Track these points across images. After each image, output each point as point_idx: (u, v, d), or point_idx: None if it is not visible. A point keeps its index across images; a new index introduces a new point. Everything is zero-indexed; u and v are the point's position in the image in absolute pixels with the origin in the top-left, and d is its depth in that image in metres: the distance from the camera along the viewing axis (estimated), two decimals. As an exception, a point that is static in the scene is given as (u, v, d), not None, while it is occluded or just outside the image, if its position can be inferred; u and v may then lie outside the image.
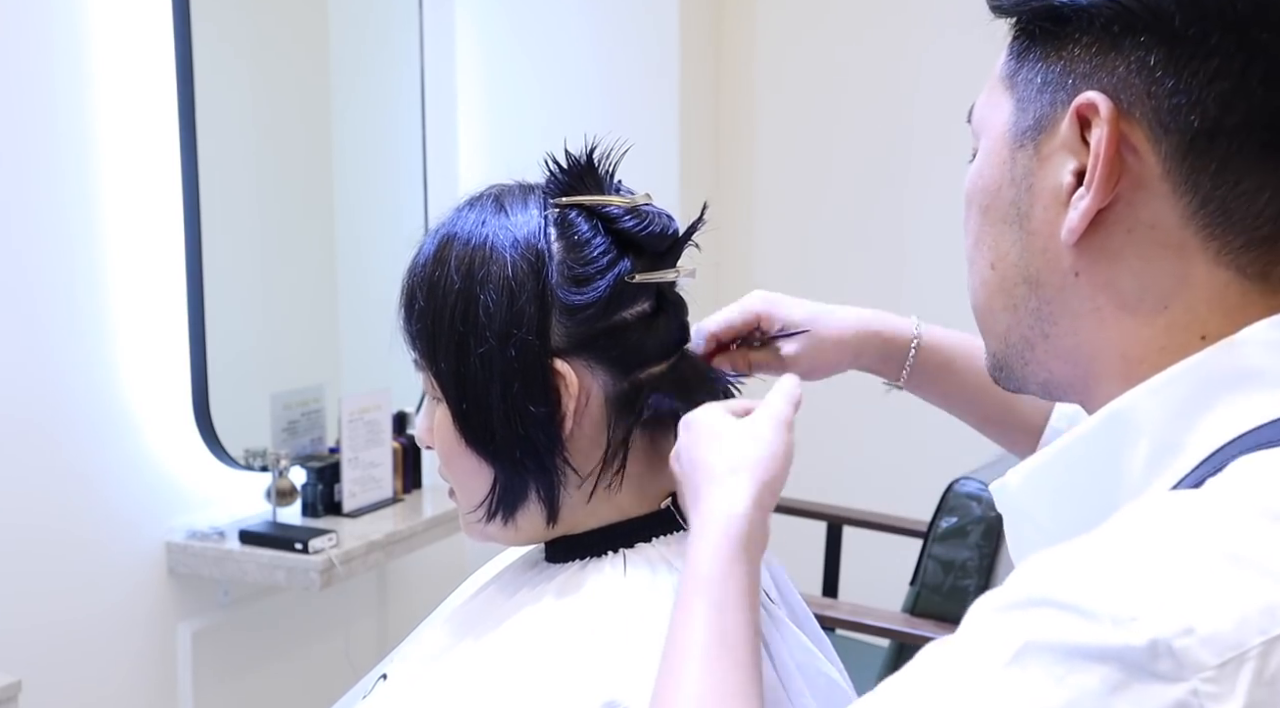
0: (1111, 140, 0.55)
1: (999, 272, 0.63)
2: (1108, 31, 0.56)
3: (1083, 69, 0.57)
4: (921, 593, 1.94)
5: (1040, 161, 0.59)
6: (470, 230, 0.81)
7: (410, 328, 0.83)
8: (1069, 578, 0.48)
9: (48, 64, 1.89)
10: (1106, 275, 0.58)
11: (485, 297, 0.79)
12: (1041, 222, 0.60)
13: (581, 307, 0.79)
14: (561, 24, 2.89)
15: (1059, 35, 0.58)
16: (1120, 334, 0.58)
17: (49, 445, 1.92)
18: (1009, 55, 0.63)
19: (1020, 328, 0.62)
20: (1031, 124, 0.60)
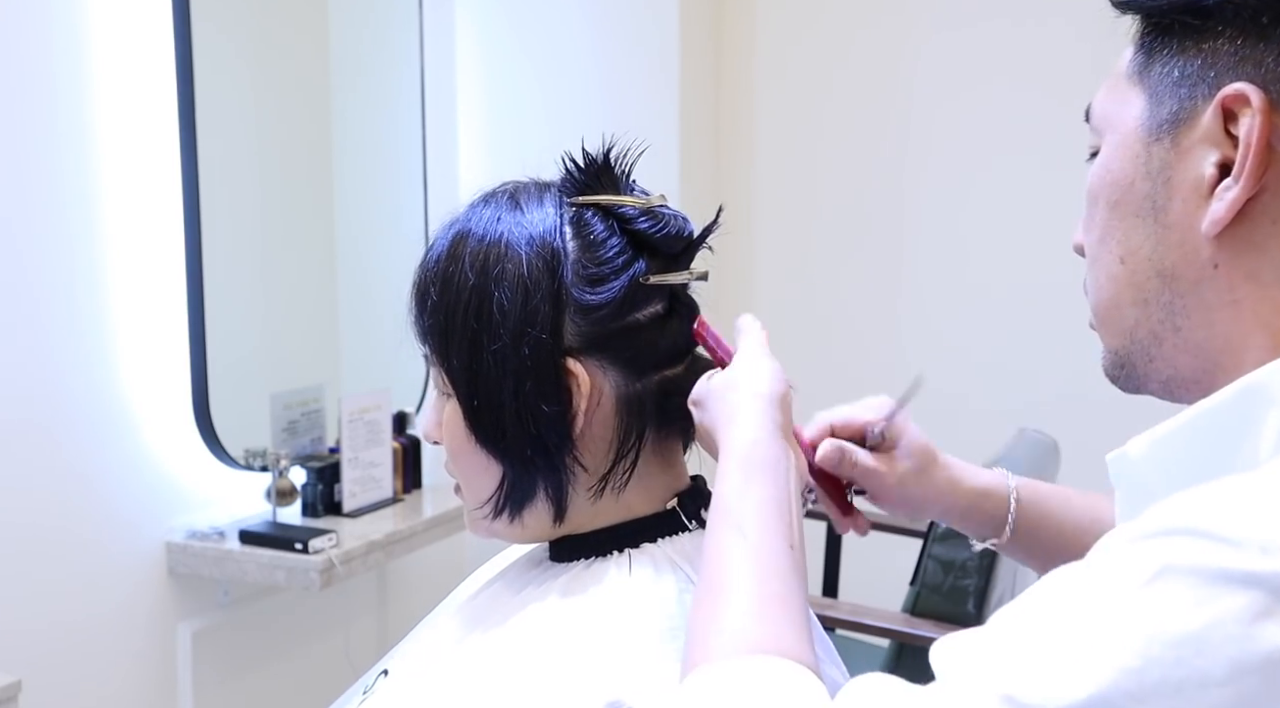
0: (1263, 131, 0.55)
1: (1129, 266, 0.62)
2: (1255, 22, 0.56)
3: (1226, 61, 0.57)
4: (921, 593, 1.94)
5: (1179, 154, 0.59)
6: (485, 227, 0.81)
7: (422, 323, 0.83)
8: (1211, 509, 0.47)
9: (48, 64, 1.89)
10: (1248, 267, 0.58)
11: (500, 294, 0.79)
12: (1180, 214, 0.59)
13: (596, 306, 0.79)
14: (561, 24, 2.89)
15: (1198, 29, 0.58)
16: (1258, 327, 0.58)
17: (49, 445, 1.92)
18: (1138, 51, 0.62)
19: (1149, 322, 0.62)
20: (1169, 117, 0.60)
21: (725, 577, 0.65)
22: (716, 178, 3.15)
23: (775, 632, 0.61)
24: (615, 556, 0.82)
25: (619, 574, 0.80)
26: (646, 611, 0.77)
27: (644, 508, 0.84)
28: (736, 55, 3.15)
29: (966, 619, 1.89)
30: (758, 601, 0.63)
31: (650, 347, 0.82)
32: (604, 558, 0.83)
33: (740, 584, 0.64)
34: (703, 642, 0.63)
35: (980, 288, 2.91)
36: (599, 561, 0.83)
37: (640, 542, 0.83)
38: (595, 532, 0.84)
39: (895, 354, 2.97)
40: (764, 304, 3.16)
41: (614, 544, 0.83)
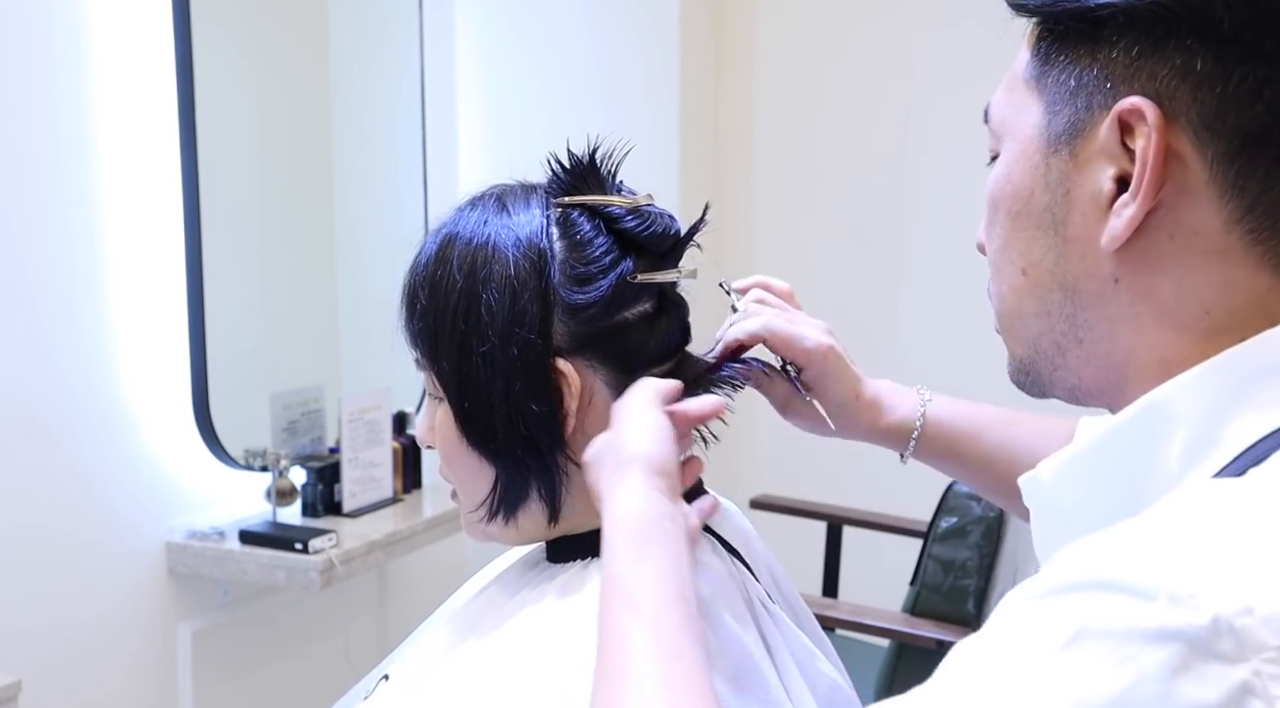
0: (1159, 147, 0.54)
1: (1031, 277, 0.62)
2: (1149, 34, 0.55)
3: (1121, 72, 0.56)
4: (921, 593, 1.94)
5: (1077, 167, 0.58)
6: (473, 229, 0.81)
7: (412, 327, 0.83)
8: (1119, 559, 0.47)
9: (48, 64, 1.89)
10: (1147, 282, 0.57)
11: (488, 295, 0.79)
12: (1080, 228, 0.58)
13: (584, 306, 0.79)
14: (561, 24, 2.89)
15: (1093, 37, 0.57)
16: (1159, 340, 0.57)
17: (49, 445, 1.92)
18: (1034, 56, 0.61)
19: (1052, 334, 0.61)
20: (1066, 128, 0.58)
21: (626, 661, 0.62)
22: (716, 178, 3.15)
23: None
24: None
25: None
26: None
27: None
28: (737, 55, 3.15)
29: (966, 619, 1.89)
30: (662, 686, 0.60)
31: (640, 345, 0.82)
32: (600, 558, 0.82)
33: (642, 669, 0.61)
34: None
35: (980, 287, 2.90)
36: (595, 561, 0.82)
37: None
38: (591, 532, 0.83)
39: (896, 354, 2.97)
40: (764, 304, 3.15)
41: None
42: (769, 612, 0.84)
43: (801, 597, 0.95)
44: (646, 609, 0.64)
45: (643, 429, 0.74)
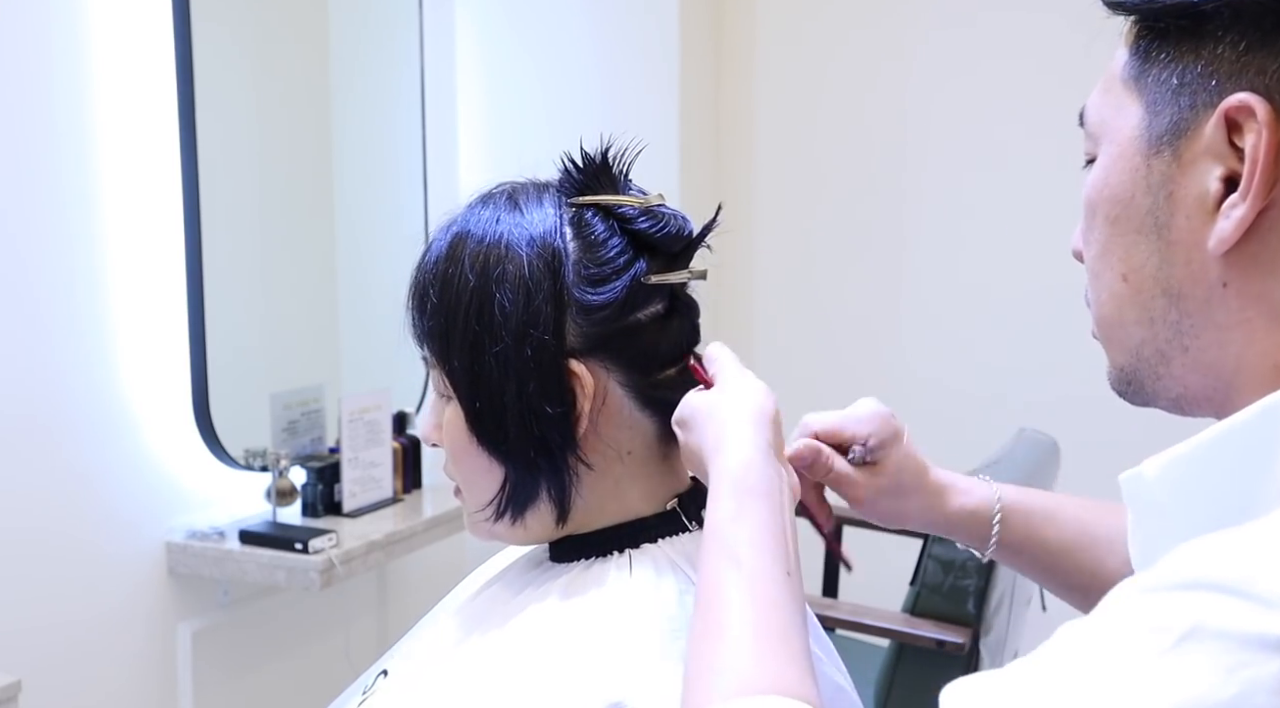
0: (1271, 144, 0.52)
1: (1133, 284, 0.59)
2: (1257, 27, 0.53)
3: (1227, 68, 0.54)
4: (921, 593, 1.94)
5: (1181, 168, 0.56)
6: (484, 227, 0.81)
7: (421, 325, 0.83)
8: (1240, 562, 0.45)
9: (48, 64, 1.89)
10: (1259, 286, 0.54)
11: (501, 295, 0.78)
12: (1184, 231, 0.56)
13: (598, 307, 0.79)
14: (561, 24, 2.89)
15: (1196, 33, 0.55)
16: (1273, 347, 0.55)
17: (49, 445, 1.92)
18: (1132, 55, 0.59)
19: (1156, 342, 0.59)
20: (1169, 128, 0.56)
21: (723, 612, 0.63)
22: (716, 177, 3.15)
23: (776, 669, 0.59)
24: (616, 556, 0.82)
25: (619, 575, 0.80)
26: (648, 612, 0.77)
27: (644, 508, 0.84)
28: (736, 55, 3.15)
29: (966, 619, 1.89)
30: (757, 637, 0.61)
31: (652, 346, 0.81)
32: (604, 559, 0.82)
33: (738, 620, 0.62)
34: (703, 682, 0.60)
35: (980, 287, 2.91)
36: (599, 561, 0.82)
37: (641, 542, 0.83)
38: (595, 532, 0.84)
39: (896, 354, 2.97)
40: (764, 304, 3.16)
41: (615, 545, 0.83)
42: None
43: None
44: (746, 561, 0.65)
45: (750, 389, 0.76)
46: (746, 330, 3.17)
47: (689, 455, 0.77)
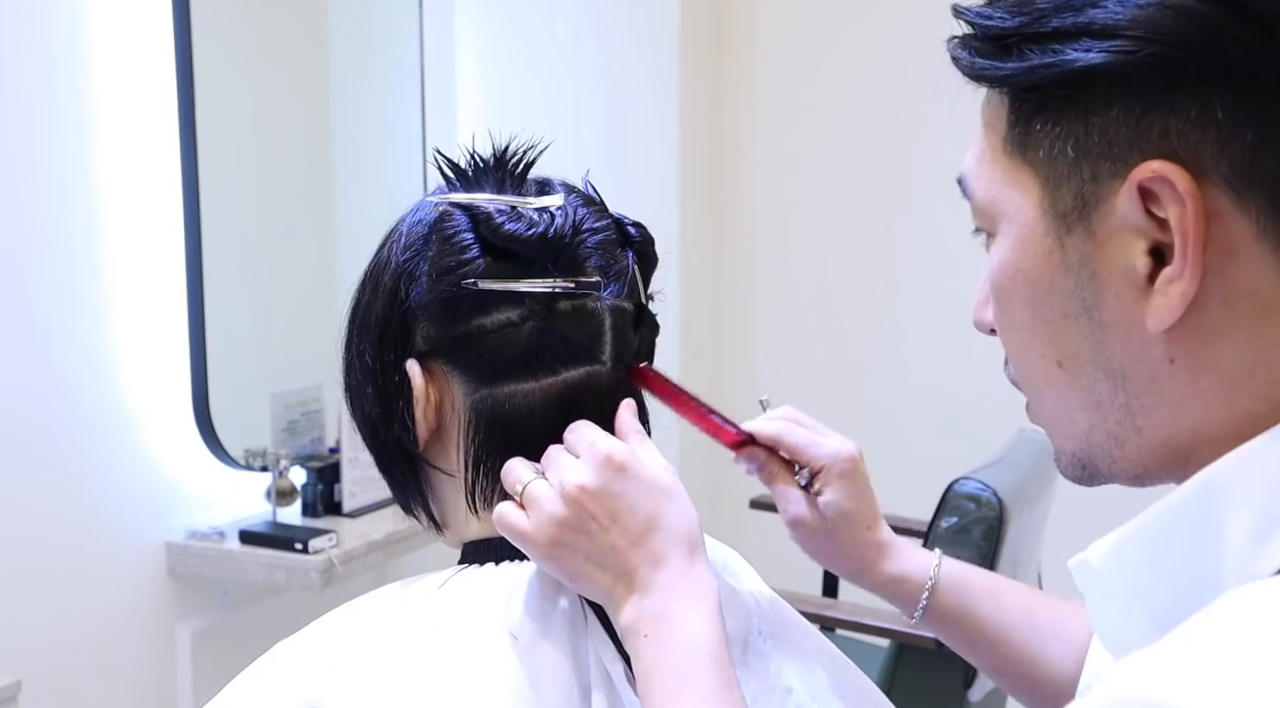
0: (1198, 213, 0.47)
1: (1070, 369, 0.54)
2: (1151, 87, 0.48)
3: (1126, 133, 0.49)
4: (921, 593, 1.94)
5: (1098, 245, 0.51)
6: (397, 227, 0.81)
7: None
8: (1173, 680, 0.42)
9: (47, 64, 1.88)
10: (1208, 356, 0.50)
11: (361, 294, 0.79)
12: (1117, 310, 0.51)
13: (422, 306, 0.76)
14: (561, 24, 2.89)
15: (1081, 101, 0.50)
16: (1231, 414, 0.51)
17: (49, 446, 1.92)
18: (1011, 126, 0.53)
19: (1106, 425, 0.54)
20: (1074, 204, 0.51)
21: None
22: (717, 177, 3.15)
23: None
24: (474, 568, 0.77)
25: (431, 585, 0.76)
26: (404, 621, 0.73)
27: None
28: (736, 55, 3.14)
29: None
30: None
31: (492, 356, 0.75)
32: (463, 568, 0.78)
33: None
34: None
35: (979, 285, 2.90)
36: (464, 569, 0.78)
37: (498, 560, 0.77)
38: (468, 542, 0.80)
39: (895, 354, 2.97)
40: (763, 303, 3.16)
41: (476, 558, 0.78)
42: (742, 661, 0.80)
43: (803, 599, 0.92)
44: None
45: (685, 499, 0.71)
46: (745, 331, 3.17)
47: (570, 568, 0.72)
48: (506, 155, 0.80)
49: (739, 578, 0.85)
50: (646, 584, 0.68)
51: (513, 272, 0.75)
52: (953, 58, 0.56)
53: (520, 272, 0.75)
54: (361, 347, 0.78)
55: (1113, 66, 0.48)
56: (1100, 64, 0.48)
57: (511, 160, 0.80)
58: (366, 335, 0.78)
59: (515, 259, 0.75)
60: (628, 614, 0.68)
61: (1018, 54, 0.51)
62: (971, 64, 0.54)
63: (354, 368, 0.80)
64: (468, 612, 0.73)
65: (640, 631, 0.67)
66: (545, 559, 0.70)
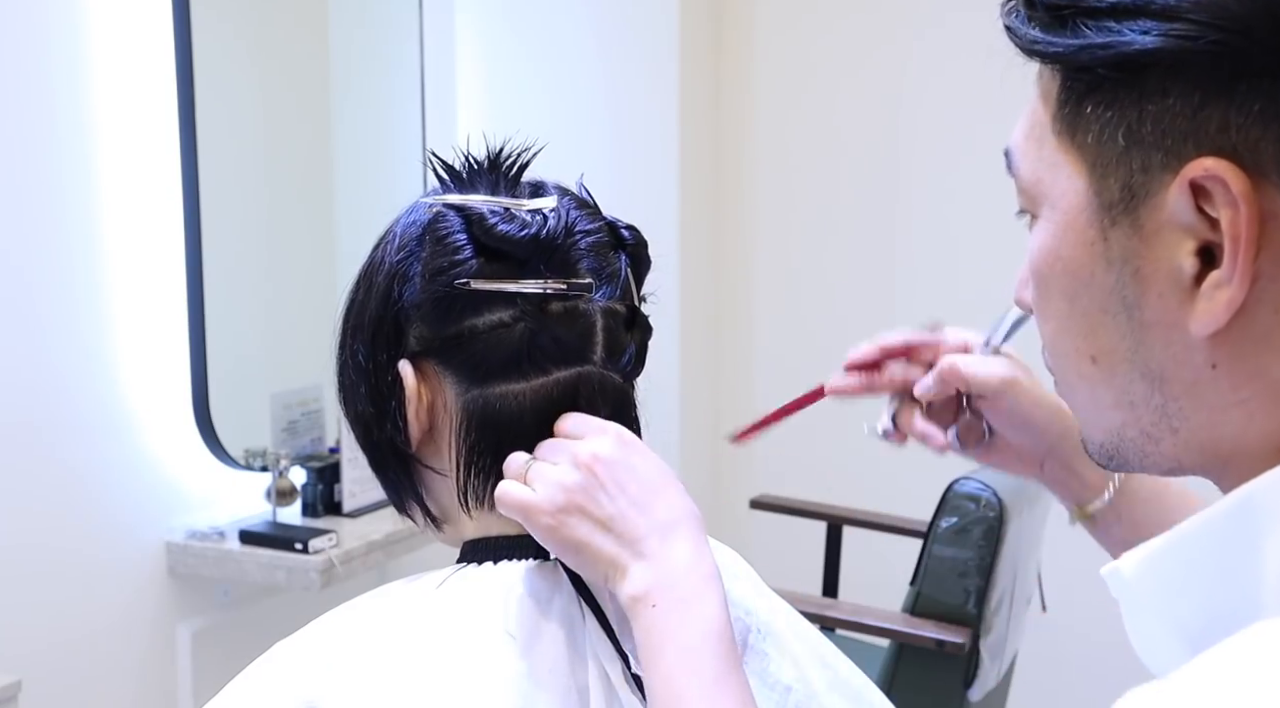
0: (1251, 217, 0.44)
1: (1104, 366, 0.52)
2: (1212, 77, 0.44)
3: (1183, 124, 0.46)
4: (921, 593, 1.94)
5: (1144, 241, 0.48)
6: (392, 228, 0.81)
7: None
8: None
9: (47, 64, 1.88)
10: (1254, 365, 0.47)
11: (355, 294, 0.80)
12: (1159, 312, 0.49)
13: (414, 306, 0.76)
14: (561, 24, 2.89)
15: (1137, 86, 0.46)
16: (1275, 428, 0.48)
17: (49, 446, 1.92)
18: (1062, 105, 0.50)
19: (1140, 424, 0.52)
20: (1122, 195, 0.48)
21: None
22: (717, 176, 3.15)
23: None
24: (472, 567, 0.78)
25: (429, 585, 0.76)
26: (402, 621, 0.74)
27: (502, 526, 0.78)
28: (736, 54, 3.14)
29: (967, 619, 1.89)
30: None
31: (483, 356, 0.75)
32: (464, 566, 0.78)
33: None
34: None
35: (981, 286, 2.90)
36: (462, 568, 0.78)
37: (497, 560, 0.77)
38: (467, 541, 0.80)
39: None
40: (763, 304, 3.16)
41: (474, 557, 0.78)
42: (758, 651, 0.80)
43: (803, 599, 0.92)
44: None
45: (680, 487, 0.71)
46: (747, 329, 3.17)
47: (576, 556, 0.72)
48: (501, 157, 0.80)
49: (739, 578, 0.85)
50: (655, 554, 0.68)
51: (505, 273, 0.75)
52: (1006, 27, 0.52)
53: (513, 273, 0.75)
54: (355, 346, 0.79)
55: (1171, 52, 0.45)
56: (1158, 48, 0.45)
57: (506, 162, 0.80)
58: (360, 335, 0.79)
59: (508, 260, 0.75)
60: (636, 582, 0.68)
61: (1072, 29, 0.47)
62: (1025, 35, 0.50)
63: (347, 368, 0.80)
64: (466, 611, 0.73)
65: (649, 600, 0.67)
66: (549, 530, 0.70)
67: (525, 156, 0.81)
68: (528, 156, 0.81)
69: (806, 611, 1.57)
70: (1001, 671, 2.06)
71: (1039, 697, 2.68)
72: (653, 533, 0.69)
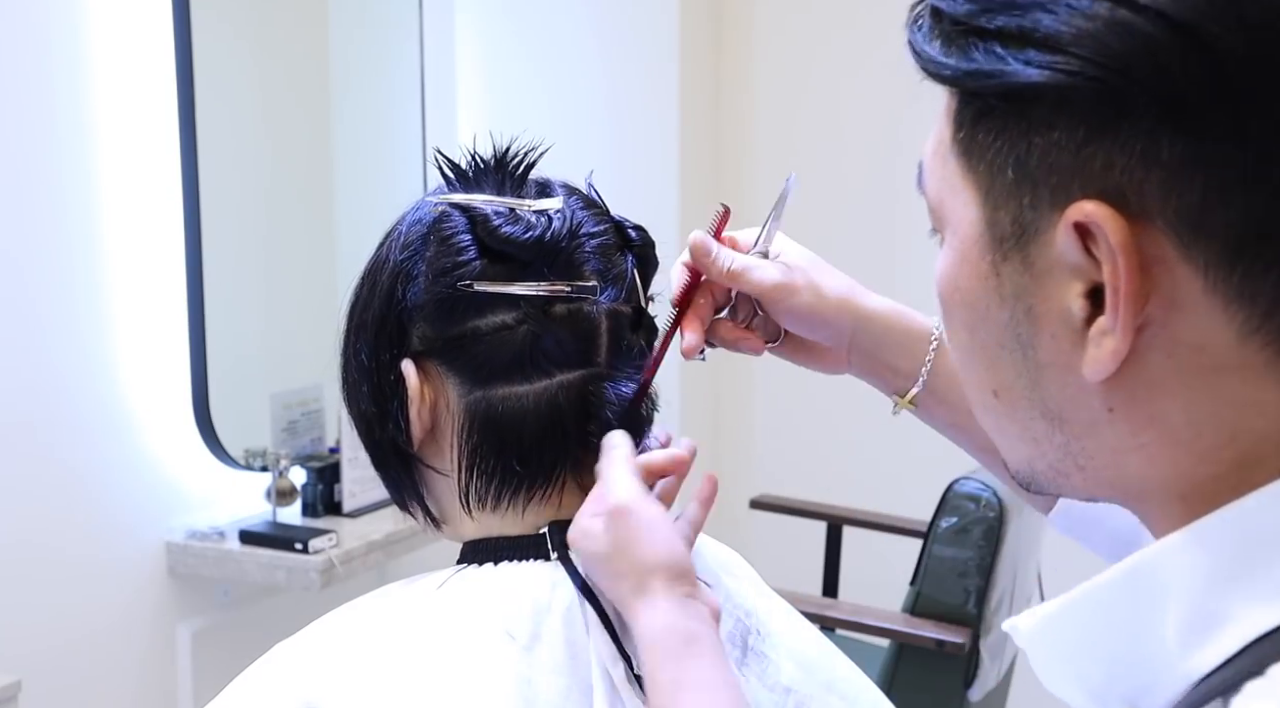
0: (1131, 268, 0.42)
1: (1006, 401, 0.50)
2: (1096, 114, 0.42)
3: (1068, 161, 0.43)
4: (921, 593, 1.94)
5: (1035, 279, 0.45)
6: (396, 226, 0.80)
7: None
8: None
9: (47, 63, 1.88)
10: (1150, 410, 0.45)
11: (359, 293, 0.80)
12: (1052, 352, 0.46)
13: (418, 307, 0.76)
14: (561, 24, 2.89)
15: (1024, 116, 0.44)
16: (1175, 474, 0.46)
17: (49, 445, 1.92)
18: (959, 126, 0.47)
19: (1046, 459, 0.50)
20: (1012, 230, 0.46)
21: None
22: (717, 176, 3.15)
23: None
24: (472, 568, 0.77)
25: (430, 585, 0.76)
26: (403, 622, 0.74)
27: (508, 528, 0.78)
28: (736, 54, 3.15)
29: (967, 619, 1.89)
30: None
31: (486, 358, 0.75)
32: (464, 567, 0.78)
33: None
34: None
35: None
36: (462, 569, 0.78)
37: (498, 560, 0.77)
38: (467, 542, 0.80)
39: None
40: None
41: (475, 557, 0.78)
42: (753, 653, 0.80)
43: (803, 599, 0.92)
44: None
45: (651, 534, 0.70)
46: (746, 330, 3.16)
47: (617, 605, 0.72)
48: (507, 156, 0.80)
49: (739, 579, 0.85)
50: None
51: (509, 274, 0.75)
52: (909, 41, 0.49)
53: (516, 274, 0.75)
54: (358, 345, 0.79)
55: (1054, 86, 0.42)
56: (1040, 82, 0.42)
57: (512, 162, 0.80)
58: (363, 334, 0.78)
59: (512, 262, 0.75)
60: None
61: (964, 51, 0.45)
62: (923, 52, 0.47)
63: (350, 366, 0.80)
64: (466, 612, 0.73)
65: None
66: None
67: (531, 156, 0.80)
68: (534, 156, 0.80)
69: (806, 611, 1.57)
70: (1001, 671, 2.06)
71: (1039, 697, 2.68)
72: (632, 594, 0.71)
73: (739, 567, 0.87)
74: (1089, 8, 0.41)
